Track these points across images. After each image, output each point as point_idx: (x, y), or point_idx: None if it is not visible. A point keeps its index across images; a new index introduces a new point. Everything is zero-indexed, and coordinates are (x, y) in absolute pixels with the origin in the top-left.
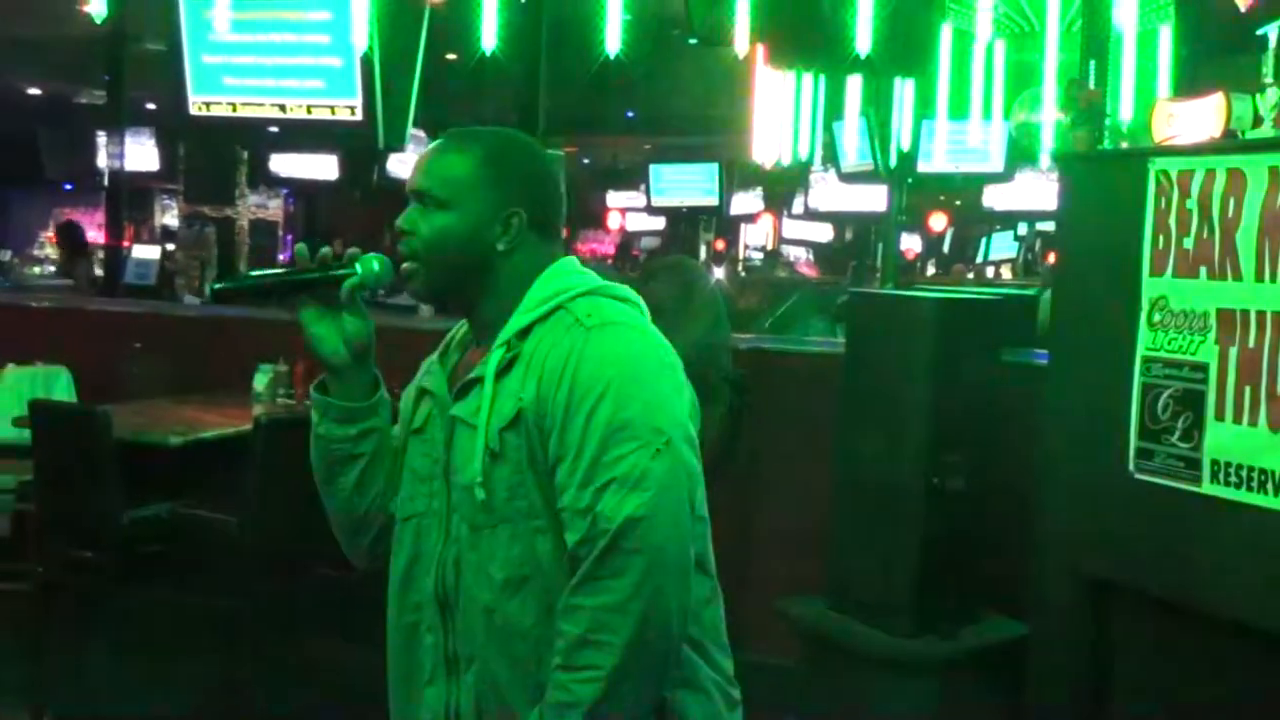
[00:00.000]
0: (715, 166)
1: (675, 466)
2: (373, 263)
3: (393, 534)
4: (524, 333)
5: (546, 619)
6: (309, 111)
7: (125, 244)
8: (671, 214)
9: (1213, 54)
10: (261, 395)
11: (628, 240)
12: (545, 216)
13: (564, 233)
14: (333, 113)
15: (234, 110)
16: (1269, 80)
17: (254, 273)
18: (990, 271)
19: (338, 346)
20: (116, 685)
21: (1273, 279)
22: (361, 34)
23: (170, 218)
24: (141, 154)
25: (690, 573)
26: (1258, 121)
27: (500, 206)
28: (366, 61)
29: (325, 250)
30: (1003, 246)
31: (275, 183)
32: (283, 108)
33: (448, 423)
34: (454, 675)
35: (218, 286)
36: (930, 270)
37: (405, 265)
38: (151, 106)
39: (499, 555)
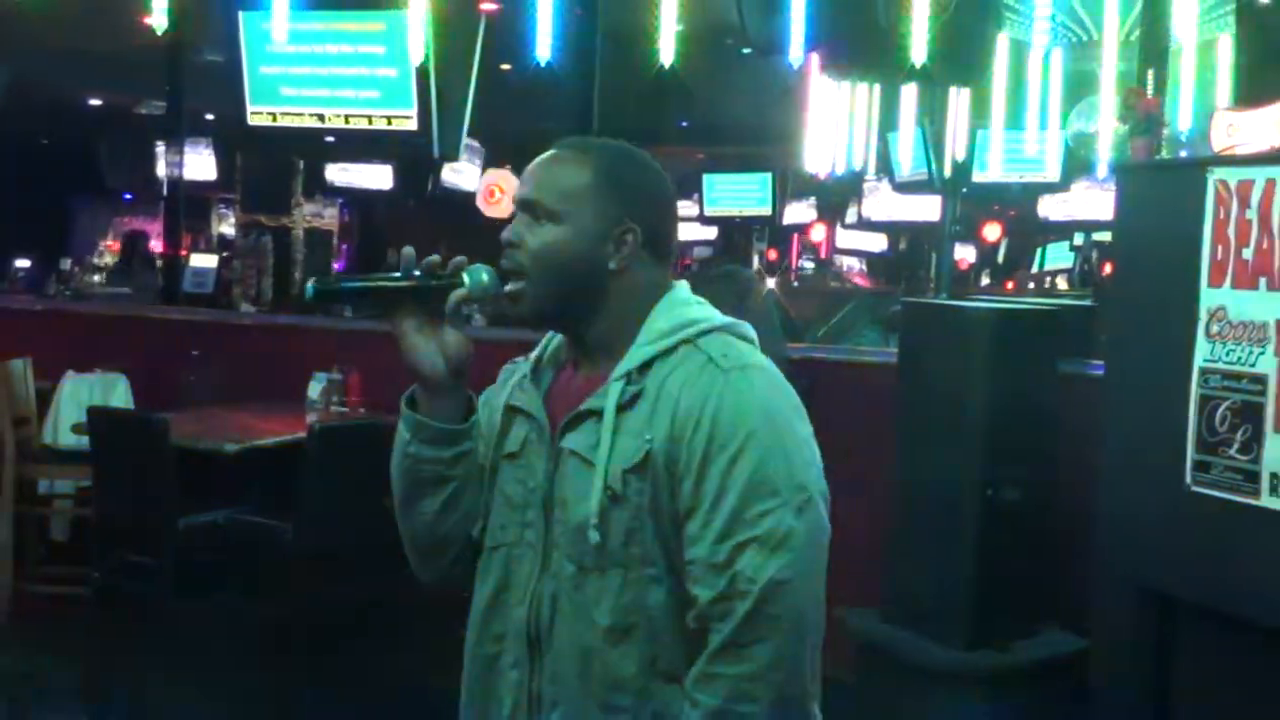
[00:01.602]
0: (768, 176)
1: (816, 526)
2: (481, 274)
3: (468, 558)
4: (645, 366)
5: (649, 670)
6: (362, 122)
7: (183, 253)
8: (724, 223)
9: (1274, 63)
10: (316, 403)
11: (680, 250)
12: (659, 235)
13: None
14: (388, 123)
15: (290, 120)
16: None
17: (357, 276)
18: (1045, 282)
19: (436, 361)
20: (172, 691)
21: None
22: (417, 44)
23: (227, 227)
24: (199, 164)
25: (823, 635)
26: None
27: (615, 222)
28: (422, 72)
29: (433, 258)
30: (1057, 257)
31: (331, 192)
32: (337, 118)
33: (552, 453)
34: (535, 716)
35: (319, 287)
36: (984, 281)
37: (510, 287)
38: (210, 117)
39: (606, 601)
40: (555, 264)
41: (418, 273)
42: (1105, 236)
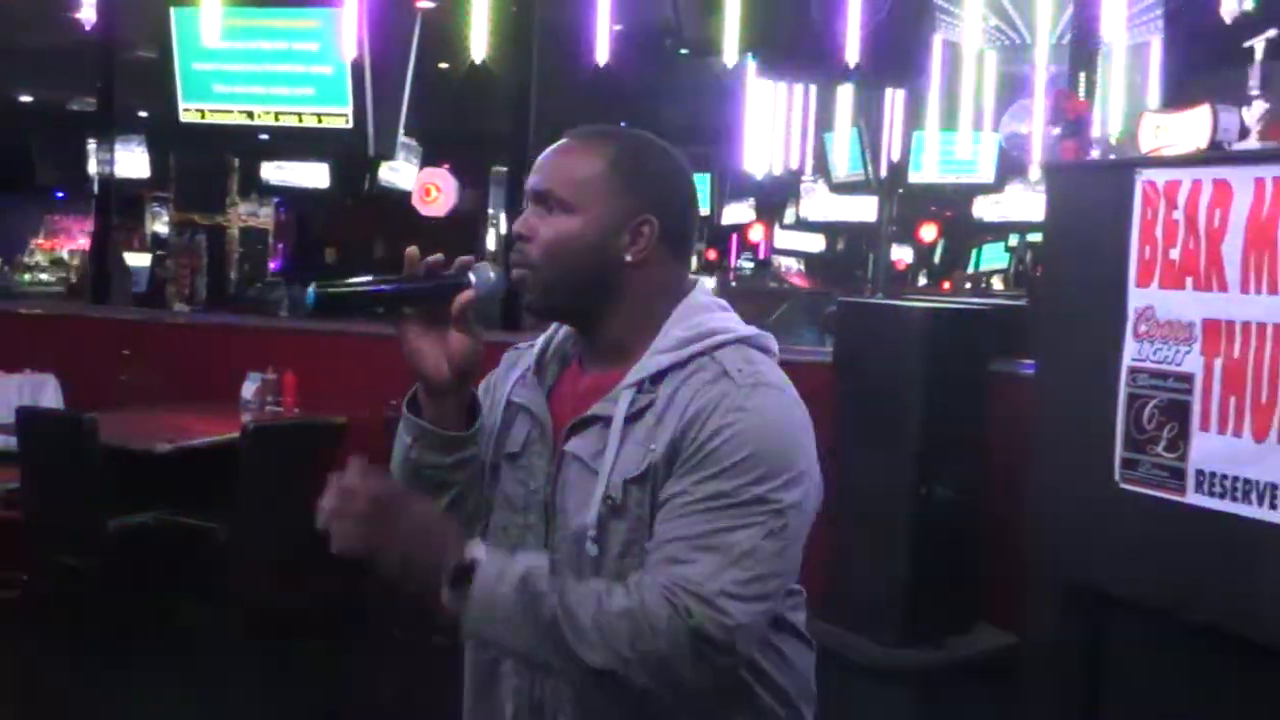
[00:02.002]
0: (706, 176)
1: (788, 548)
2: (488, 272)
3: None
4: (658, 377)
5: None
6: (292, 119)
7: None
8: None
9: (1201, 66)
10: (250, 403)
11: None
12: (678, 228)
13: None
14: (319, 120)
15: (219, 117)
16: (1255, 92)
17: (358, 280)
18: (982, 282)
19: (441, 365)
20: (103, 693)
21: (1258, 290)
22: (351, 42)
23: (161, 225)
24: (132, 161)
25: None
26: (1245, 133)
27: (631, 213)
28: (357, 69)
29: (436, 257)
30: (993, 258)
31: (266, 190)
32: (266, 114)
33: (555, 455)
34: None
35: (321, 293)
36: (922, 281)
37: (516, 273)
38: (143, 114)
39: None
40: (568, 255)
41: (422, 274)
42: (1039, 237)
